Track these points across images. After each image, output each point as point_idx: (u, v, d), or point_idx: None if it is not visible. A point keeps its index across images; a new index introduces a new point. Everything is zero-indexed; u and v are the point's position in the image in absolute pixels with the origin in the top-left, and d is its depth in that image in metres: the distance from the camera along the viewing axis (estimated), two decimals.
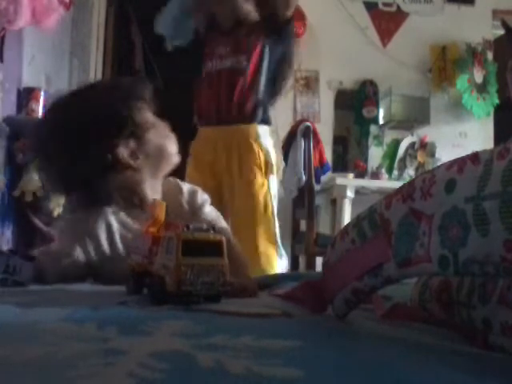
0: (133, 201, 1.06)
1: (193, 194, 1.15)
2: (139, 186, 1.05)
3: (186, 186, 1.16)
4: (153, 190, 1.08)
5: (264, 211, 2.09)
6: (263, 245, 2.06)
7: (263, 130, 2.12)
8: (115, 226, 1.03)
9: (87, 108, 1.01)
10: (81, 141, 0.98)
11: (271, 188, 2.11)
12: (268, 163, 2.13)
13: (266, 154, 2.10)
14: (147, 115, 1.07)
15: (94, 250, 1.01)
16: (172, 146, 1.11)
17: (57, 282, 0.92)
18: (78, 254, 0.99)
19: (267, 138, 2.12)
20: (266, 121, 2.13)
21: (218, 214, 1.20)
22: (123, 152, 1.02)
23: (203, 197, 1.16)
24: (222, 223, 1.18)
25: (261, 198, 2.09)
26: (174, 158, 1.11)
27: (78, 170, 1.00)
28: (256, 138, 2.10)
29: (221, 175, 2.09)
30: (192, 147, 2.15)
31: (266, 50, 2.11)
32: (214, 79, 2.11)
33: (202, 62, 2.17)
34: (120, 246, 1.02)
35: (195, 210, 1.12)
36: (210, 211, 1.16)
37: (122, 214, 1.04)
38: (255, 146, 2.09)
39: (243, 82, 2.08)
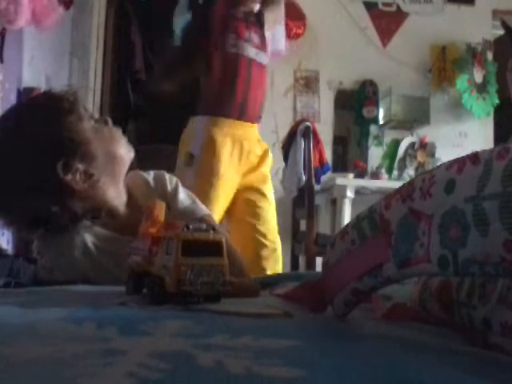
0: (101, 214, 1.01)
1: (160, 181, 1.09)
2: (102, 199, 1.00)
3: (150, 176, 1.10)
4: (118, 194, 1.03)
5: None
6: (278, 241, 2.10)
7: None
8: (91, 244, 0.98)
9: (21, 141, 0.94)
10: (22, 176, 0.93)
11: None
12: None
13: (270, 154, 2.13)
14: (84, 127, 0.98)
15: (77, 270, 0.97)
16: (120, 148, 1.04)
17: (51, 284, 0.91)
18: (59, 277, 0.95)
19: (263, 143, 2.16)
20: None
21: (194, 196, 1.14)
22: (74, 177, 0.95)
23: (172, 181, 1.11)
24: (200, 207, 1.12)
25: (272, 196, 2.12)
26: (127, 157, 1.04)
27: (30, 207, 0.95)
28: (259, 138, 2.12)
29: (239, 171, 2.04)
30: (208, 134, 2.01)
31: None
32: (257, 70, 2.05)
33: (223, 34, 2.01)
34: (102, 259, 0.98)
35: (167, 197, 1.05)
36: (184, 198, 1.10)
37: (97, 228, 1.00)
38: (265, 145, 2.11)
39: (263, 81, 2.10)
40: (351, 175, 3.61)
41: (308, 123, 2.98)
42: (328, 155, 3.70)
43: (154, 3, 4.01)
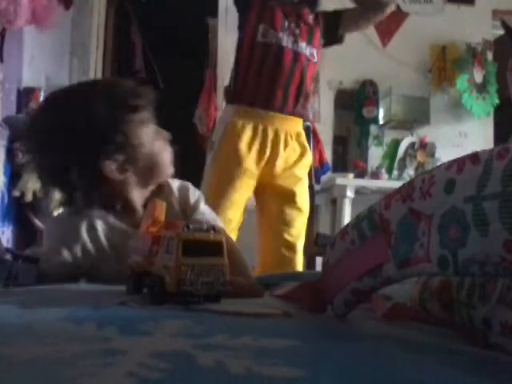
0: (116, 206, 1.03)
1: (184, 192, 1.11)
2: (124, 195, 1.02)
3: (175, 184, 1.12)
4: (141, 196, 1.05)
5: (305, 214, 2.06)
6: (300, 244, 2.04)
7: (305, 127, 2.10)
8: (100, 227, 1.01)
9: (79, 114, 0.97)
10: (67, 147, 0.96)
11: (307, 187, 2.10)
12: (310, 165, 2.11)
13: (307, 155, 2.06)
14: (142, 130, 1.01)
15: (81, 250, 0.99)
16: (165, 162, 1.06)
17: (53, 283, 0.92)
18: (65, 255, 0.98)
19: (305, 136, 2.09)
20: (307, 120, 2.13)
21: (214, 214, 1.16)
22: (110, 166, 0.98)
23: (196, 194, 1.12)
24: (219, 224, 1.14)
25: (306, 197, 2.06)
26: (167, 171, 1.07)
27: (62, 174, 0.98)
28: (302, 135, 2.05)
29: (260, 161, 1.96)
30: (229, 121, 1.99)
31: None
32: (289, 59, 1.96)
33: (257, 23, 1.97)
34: (106, 247, 1.00)
35: (188, 209, 1.08)
36: (205, 210, 1.12)
37: (111, 217, 1.02)
38: (304, 143, 2.05)
39: (312, 75, 2.02)
40: (351, 175, 3.61)
41: (308, 123, 2.98)
42: (328, 155, 3.70)
43: (153, 3, 4.01)
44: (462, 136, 4.07)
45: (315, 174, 2.95)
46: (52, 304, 0.60)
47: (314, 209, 2.79)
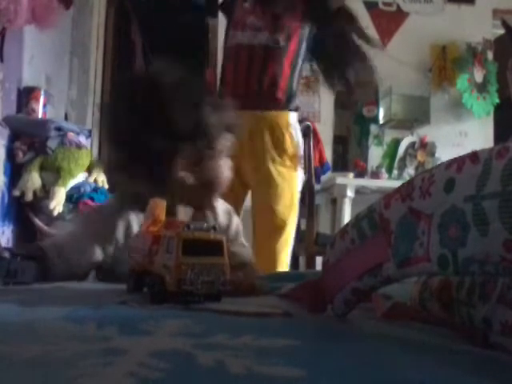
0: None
1: (228, 217, 1.10)
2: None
3: (220, 206, 1.10)
4: (185, 213, 1.03)
5: (289, 211, 1.96)
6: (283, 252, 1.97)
7: (294, 119, 1.96)
8: (135, 227, 0.99)
9: (168, 109, 0.93)
10: (143, 133, 0.93)
11: (298, 184, 1.96)
12: (296, 156, 1.94)
13: (296, 146, 1.94)
14: (224, 139, 1.01)
15: (114, 250, 0.98)
16: (225, 179, 1.05)
17: (62, 279, 0.91)
18: (98, 255, 0.97)
19: (297, 128, 1.96)
20: (296, 109, 1.99)
21: (248, 247, 1.15)
22: (182, 171, 0.96)
23: (236, 221, 1.12)
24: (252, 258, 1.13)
25: (288, 193, 1.93)
26: (220, 189, 1.06)
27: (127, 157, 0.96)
28: (287, 127, 1.93)
29: (242, 162, 1.86)
30: None
31: (305, 33, 1.93)
32: (245, 54, 1.90)
33: (228, 29, 1.96)
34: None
35: (228, 236, 1.06)
36: (243, 241, 1.12)
37: None
38: (287, 136, 1.91)
39: (279, 63, 1.90)
40: (351, 175, 3.61)
41: (308, 123, 2.97)
42: (328, 155, 3.69)
43: (153, 3, 4.01)
44: (462, 135, 4.06)
45: (315, 173, 2.94)
46: (52, 303, 0.60)
47: (314, 208, 2.79)
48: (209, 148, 0.98)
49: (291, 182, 1.93)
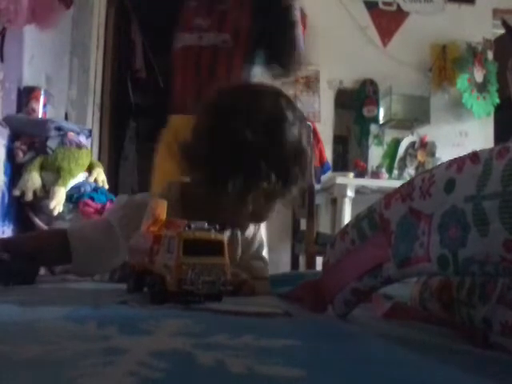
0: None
1: (254, 232, 1.09)
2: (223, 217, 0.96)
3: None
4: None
5: None
6: None
7: None
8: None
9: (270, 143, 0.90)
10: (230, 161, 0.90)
11: None
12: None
13: None
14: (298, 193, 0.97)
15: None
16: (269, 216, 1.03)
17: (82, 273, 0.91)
18: (121, 252, 0.93)
19: None
20: None
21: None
22: (247, 196, 0.92)
23: (261, 237, 1.11)
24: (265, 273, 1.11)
25: None
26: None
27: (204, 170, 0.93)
28: None
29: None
30: (163, 137, 1.87)
31: (256, 27, 1.83)
32: (193, 57, 1.82)
33: (175, 32, 1.87)
34: None
35: (246, 257, 1.06)
36: (262, 257, 1.11)
37: None
38: None
39: (229, 63, 1.80)
40: (351, 174, 3.61)
41: (308, 123, 2.97)
42: (328, 154, 3.70)
43: (153, 2, 4.01)
44: (462, 135, 4.07)
45: (315, 173, 2.95)
46: (52, 303, 0.60)
47: (314, 208, 2.79)
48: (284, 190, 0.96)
49: None
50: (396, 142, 3.96)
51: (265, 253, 1.12)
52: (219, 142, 0.92)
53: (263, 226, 1.13)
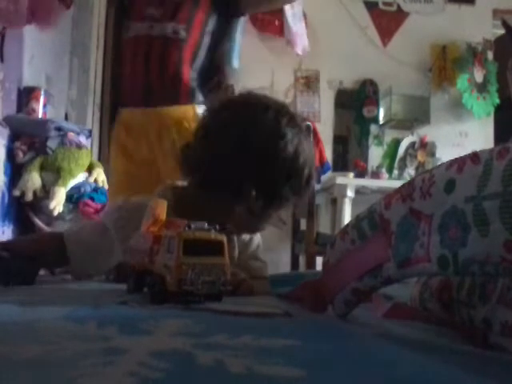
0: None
1: (244, 245, 1.08)
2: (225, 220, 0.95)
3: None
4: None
5: None
6: None
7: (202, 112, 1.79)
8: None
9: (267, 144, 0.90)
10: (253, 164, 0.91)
11: None
12: None
13: None
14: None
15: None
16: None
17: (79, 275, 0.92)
18: (115, 254, 0.94)
19: None
20: (203, 102, 1.80)
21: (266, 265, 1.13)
22: (248, 199, 0.92)
23: (258, 239, 1.10)
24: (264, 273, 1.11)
25: None
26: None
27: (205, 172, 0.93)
28: (195, 121, 1.71)
29: (150, 165, 1.74)
30: (113, 133, 1.83)
31: (210, 23, 1.77)
32: (143, 46, 1.74)
33: (125, 21, 1.79)
34: None
35: (244, 256, 1.06)
36: (260, 258, 1.11)
37: None
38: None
39: (179, 55, 1.73)
40: (351, 174, 3.61)
41: (308, 123, 2.97)
42: (328, 154, 3.70)
43: None
44: (462, 135, 4.07)
45: (315, 173, 2.94)
46: (52, 303, 0.60)
47: (314, 208, 2.80)
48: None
49: None
50: (396, 142, 3.96)
51: (261, 257, 1.12)
52: (215, 151, 0.92)
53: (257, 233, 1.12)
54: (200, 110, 1.75)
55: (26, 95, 2.54)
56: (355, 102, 3.99)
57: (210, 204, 0.94)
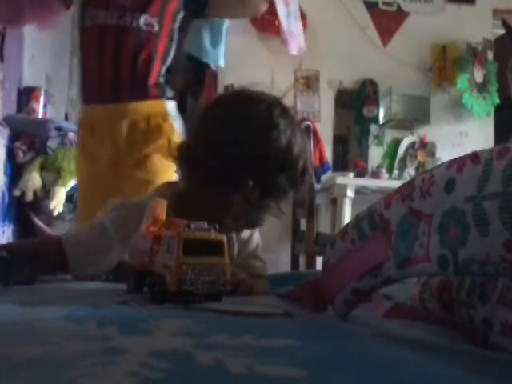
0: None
1: (250, 232, 1.08)
2: (226, 216, 0.95)
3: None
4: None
5: None
6: None
7: (172, 108, 1.72)
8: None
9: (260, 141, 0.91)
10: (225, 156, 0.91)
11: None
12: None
13: (177, 137, 1.68)
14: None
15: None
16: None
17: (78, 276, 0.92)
18: (115, 253, 0.95)
19: (177, 118, 1.72)
20: (173, 98, 1.74)
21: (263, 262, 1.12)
22: (245, 190, 0.92)
23: (257, 238, 1.10)
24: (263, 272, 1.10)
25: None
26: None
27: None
28: (165, 117, 1.69)
29: (115, 164, 1.66)
30: (78, 131, 1.77)
31: (178, 19, 1.71)
32: (111, 37, 1.65)
33: (84, 7, 1.70)
34: None
35: (242, 254, 1.05)
36: (259, 257, 1.10)
37: None
38: (165, 126, 1.68)
39: (154, 49, 1.66)
40: (351, 174, 3.61)
41: (308, 122, 2.98)
42: (328, 154, 3.70)
43: None
44: (462, 135, 4.07)
45: (315, 173, 2.94)
46: (52, 303, 0.60)
47: (314, 208, 2.80)
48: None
49: (167, 174, 1.66)
50: (396, 142, 3.95)
51: (261, 256, 1.12)
52: (211, 147, 0.93)
53: (256, 232, 1.12)
54: (170, 106, 1.71)
55: (25, 95, 2.54)
56: (355, 102, 3.99)
57: (209, 199, 0.94)
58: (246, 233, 1.07)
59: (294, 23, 3.62)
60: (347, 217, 3.28)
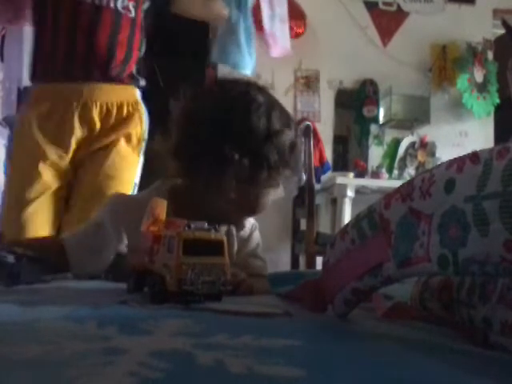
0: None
1: (250, 231, 1.08)
2: (214, 210, 0.95)
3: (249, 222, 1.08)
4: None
5: None
6: None
7: (139, 97, 1.69)
8: None
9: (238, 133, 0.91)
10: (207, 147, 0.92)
11: (137, 170, 1.67)
12: (142, 139, 1.67)
13: (144, 128, 1.67)
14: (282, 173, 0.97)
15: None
16: (265, 208, 1.02)
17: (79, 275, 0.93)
18: (112, 247, 0.96)
19: (145, 109, 1.69)
20: (142, 87, 1.71)
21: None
22: (231, 181, 0.92)
23: (258, 236, 1.10)
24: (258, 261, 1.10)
25: (126, 179, 1.63)
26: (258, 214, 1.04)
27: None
28: (137, 105, 1.67)
29: (77, 146, 1.61)
30: (24, 111, 1.71)
31: (145, 6, 1.70)
32: (86, 15, 1.58)
33: None
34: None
35: (241, 253, 1.05)
36: (260, 256, 1.10)
37: None
38: (136, 116, 1.65)
39: (132, 33, 1.64)
40: (351, 174, 3.60)
41: (308, 122, 2.98)
42: (328, 154, 3.70)
43: (153, 3, 4.00)
44: (462, 135, 4.06)
45: (315, 173, 2.94)
46: (52, 303, 0.60)
47: (314, 208, 2.79)
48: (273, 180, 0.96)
49: (132, 167, 1.66)
50: (396, 142, 3.95)
51: (261, 255, 1.12)
52: (191, 128, 0.95)
53: (256, 231, 1.11)
54: (139, 95, 1.68)
55: (25, 95, 2.54)
56: (355, 102, 3.99)
57: (204, 187, 0.95)
58: (245, 231, 1.07)
59: (280, 26, 3.60)
60: (347, 217, 3.27)
